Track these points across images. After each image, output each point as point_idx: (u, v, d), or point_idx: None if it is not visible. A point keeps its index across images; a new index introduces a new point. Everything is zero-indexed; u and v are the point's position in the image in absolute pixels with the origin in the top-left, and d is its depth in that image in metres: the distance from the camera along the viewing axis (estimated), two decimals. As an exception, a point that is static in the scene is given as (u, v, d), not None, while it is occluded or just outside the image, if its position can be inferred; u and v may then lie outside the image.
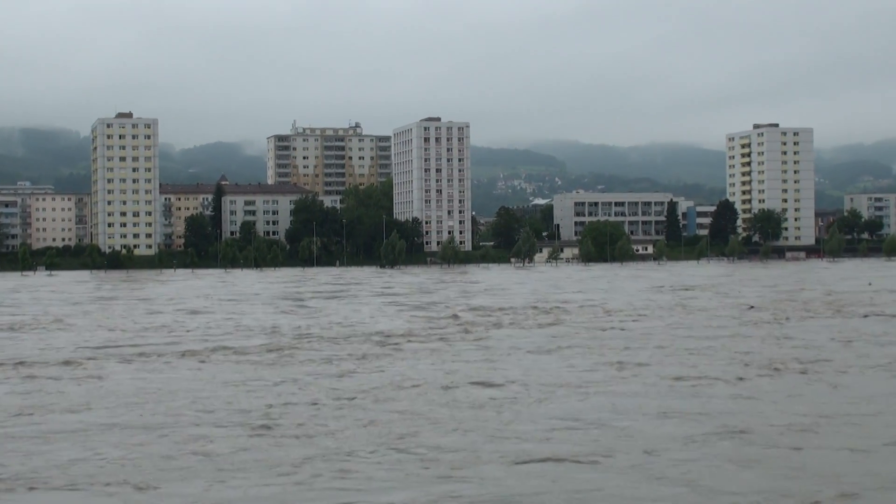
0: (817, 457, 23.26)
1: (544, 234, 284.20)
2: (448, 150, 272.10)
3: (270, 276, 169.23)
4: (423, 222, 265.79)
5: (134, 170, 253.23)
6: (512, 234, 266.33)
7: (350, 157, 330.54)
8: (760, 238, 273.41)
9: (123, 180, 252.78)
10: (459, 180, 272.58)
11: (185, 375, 37.42)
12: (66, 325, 63.36)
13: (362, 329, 56.95)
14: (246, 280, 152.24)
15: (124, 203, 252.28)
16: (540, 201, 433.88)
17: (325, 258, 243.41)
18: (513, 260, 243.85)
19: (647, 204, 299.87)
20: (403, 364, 40.08)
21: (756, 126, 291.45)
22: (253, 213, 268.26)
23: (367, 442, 25.05)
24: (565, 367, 38.65)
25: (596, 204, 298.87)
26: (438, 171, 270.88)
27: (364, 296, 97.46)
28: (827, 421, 27.09)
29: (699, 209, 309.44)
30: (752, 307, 70.66)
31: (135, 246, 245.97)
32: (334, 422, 27.69)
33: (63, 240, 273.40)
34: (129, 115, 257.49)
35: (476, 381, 34.89)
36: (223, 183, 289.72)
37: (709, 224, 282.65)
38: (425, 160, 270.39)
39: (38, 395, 33.22)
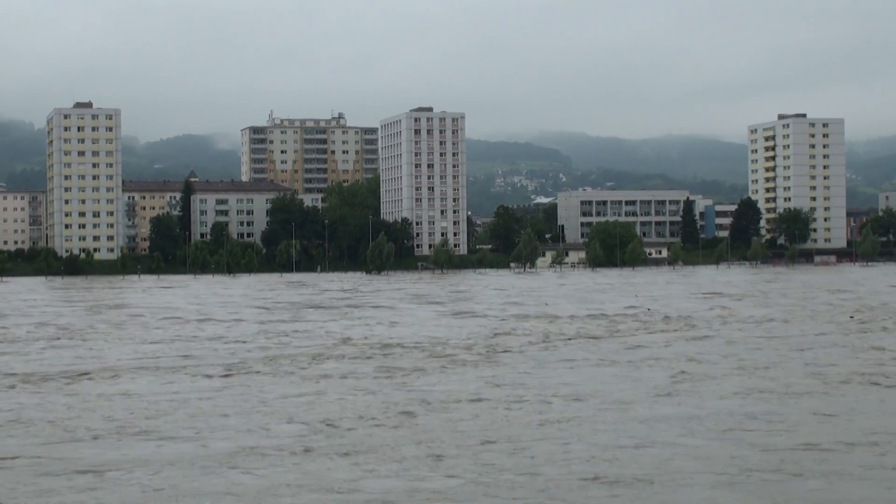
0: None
1: (547, 236, 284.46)
2: (441, 143, 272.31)
3: (264, 283, 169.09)
4: (414, 223, 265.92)
5: (94, 165, 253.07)
6: (511, 236, 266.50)
7: (333, 152, 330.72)
8: (786, 240, 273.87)
9: (82, 177, 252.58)
10: (453, 177, 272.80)
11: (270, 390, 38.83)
12: (109, 335, 65.12)
13: (428, 338, 59.33)
14: (237, 287, 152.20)
15: (83, 202, 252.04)
16: (542, 200, 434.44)
17: (305, 263, 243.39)
18: (512, 265, 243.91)
19: (661, 203, 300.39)
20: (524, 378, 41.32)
21: (781, 116, 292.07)
22: (225, 213, 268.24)
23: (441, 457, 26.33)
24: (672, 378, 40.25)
25: (604, 203, 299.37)
26: (430, 166, 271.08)
27: (397, 302, 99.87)
28: None
29: (718, 208, 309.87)
30: (853, 316, 72.06)
31: (94, 249, 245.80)
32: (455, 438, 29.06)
33: (15, 242, 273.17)
34: (89, 104, 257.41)
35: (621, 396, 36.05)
36: (192, 180, 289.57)
37: (729, 225, 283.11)
38: (416, 154, 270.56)
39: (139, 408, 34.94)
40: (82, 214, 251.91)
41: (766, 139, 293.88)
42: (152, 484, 24.21)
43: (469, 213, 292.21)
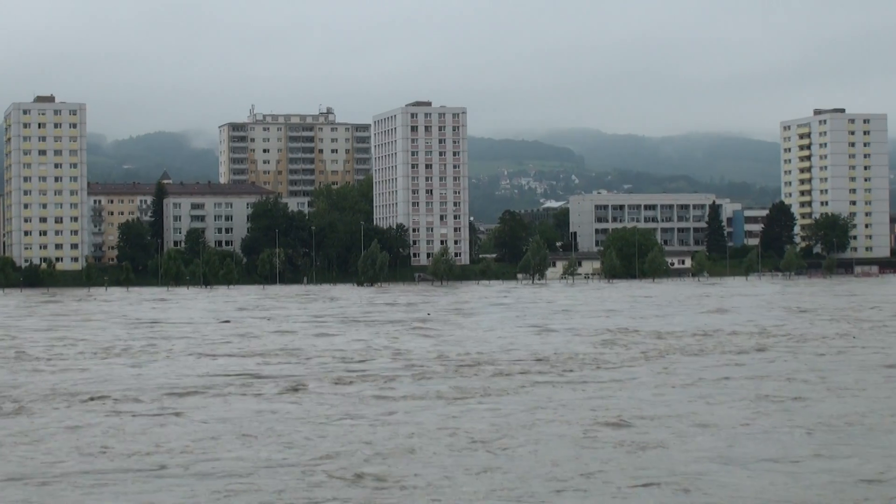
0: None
1: (558, 244, 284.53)
2: (440, 141, 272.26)
3: (259, 295, 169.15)
4: (410, 230, 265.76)
5: (56, 166, 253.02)
6: (518, 244, 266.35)
7: (320, 151, 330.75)
8: (823, 249, 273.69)
9: (43, 178, 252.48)
10: (454, 178, 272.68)
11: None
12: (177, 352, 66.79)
13: (529, 352, 62.09)
14: (233, 300, 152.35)
15: (44, 206, 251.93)
16: (553, 204, 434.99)
17: (290, 273, 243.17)
18: (519, 276, 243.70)
19: (684, 207, 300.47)
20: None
21: (817, 111, 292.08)
22: (202, 218, 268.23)
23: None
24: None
25: (621, 207, 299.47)
26: (428, 167, 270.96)
27: (447, 315, 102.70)
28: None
29: (747, 214, 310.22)
30: None
31: (57, 259, 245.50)
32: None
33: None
34: (51, 98, 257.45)
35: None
36: (165, 182, 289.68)
37: (759, 232, 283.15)
38: (412, 154, 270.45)
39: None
40: (43, 220, 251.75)
41: (801, 137, 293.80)
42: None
43: (471, 218, 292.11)
